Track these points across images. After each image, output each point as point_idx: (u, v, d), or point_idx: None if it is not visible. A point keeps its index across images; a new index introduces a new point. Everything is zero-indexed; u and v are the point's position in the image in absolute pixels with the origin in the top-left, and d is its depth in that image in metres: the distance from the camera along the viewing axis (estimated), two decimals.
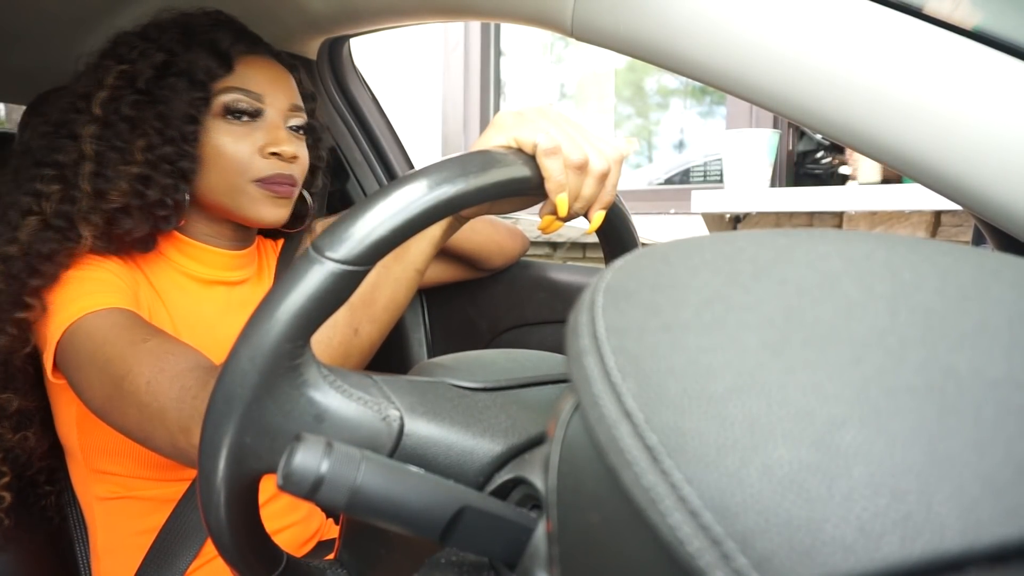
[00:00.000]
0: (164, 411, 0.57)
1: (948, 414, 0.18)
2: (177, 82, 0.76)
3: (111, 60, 0.78)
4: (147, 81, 0.76)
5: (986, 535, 0.16)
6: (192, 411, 0.55)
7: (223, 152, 0.78)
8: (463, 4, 0.77)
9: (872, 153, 0.52)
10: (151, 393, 0.58)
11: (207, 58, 0.78)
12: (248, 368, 0.37)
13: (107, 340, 0.64)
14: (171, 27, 0.80)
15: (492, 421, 0.41)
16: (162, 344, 0.63)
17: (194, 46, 0.78)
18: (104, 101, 0.75)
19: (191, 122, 0.76)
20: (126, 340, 0.64)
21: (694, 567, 0.18)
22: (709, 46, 0.55)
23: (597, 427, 0.21)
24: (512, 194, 0.49)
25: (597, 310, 0.24)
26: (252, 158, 0.79)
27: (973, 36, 0.46)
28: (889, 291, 0.22)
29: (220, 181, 0.79)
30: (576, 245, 2.23)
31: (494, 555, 0.33)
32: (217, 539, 0.40)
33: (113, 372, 0.62)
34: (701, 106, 2.61)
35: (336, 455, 0.30)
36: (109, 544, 0.80)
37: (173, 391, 0.57)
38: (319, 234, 0.39)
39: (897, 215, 1.67)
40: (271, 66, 0.83)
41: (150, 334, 0.65)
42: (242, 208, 0.80)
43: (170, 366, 0.59)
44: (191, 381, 0.57)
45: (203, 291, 0.84)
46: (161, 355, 0.61)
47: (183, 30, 0.80)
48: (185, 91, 0.76)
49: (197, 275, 0.83)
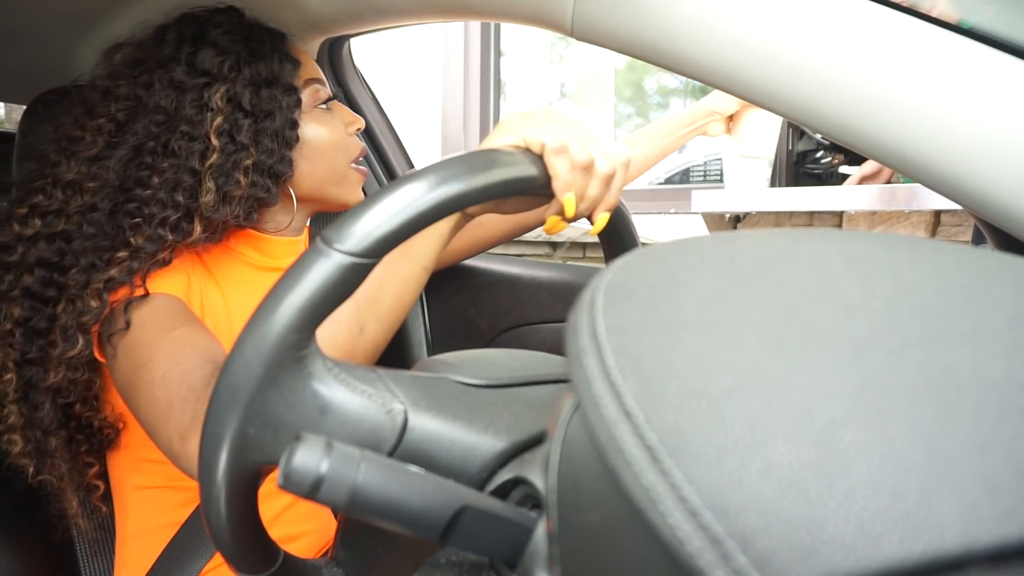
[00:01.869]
0: (170, 410, 0.58)
1: (948, 414, 0.18)
2: (272, 92, 0.77)
3: (200, 76, 0.75)
4: (250, 99, 0.76)
5: (986, 535, 0.16)
6: (193, 415, 0.55)
7: (325, 142, 0.81)
8: (463, 4, 0.77)
9: (872, 153, 0.52)
10: (163, 387, 0.59)
11: (282, 59, 0.79)
12: (253, 358, 0.37)
13: (141, 324, 0.66)
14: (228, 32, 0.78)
15: (495, 417, 0.41)
16: (186, 335, 0.63)
17: (262, 49, 0.78)
18: (220, 129, 0.74)
19: (294, 127, 0.78)
20: (158, 326, 0.65)
21: (694, 567, 0.18)
22: (709, 46, 0.55)
23: (597, 427, 0.21)
24: (519, 193, 0.49)
25: (597, 310, 0.24)
26: (347, 140, 0.83)
27: (973, 36, 0.46)
28: (889, 291, 0.22)
29: (324, 170, 0.82)
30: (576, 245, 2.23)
31: (494, 555, 0.33)
32: (215, 531, 0.40)
33: (136, 357, 0.63)
34: None
35: (336, 454, 0.30)
36: (138, 530, 0.80)
37: (181, 390, 0.58)
38: (329, 226, 0.39)
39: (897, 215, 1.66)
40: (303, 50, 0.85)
41: (181, 322, 0.65)
42: (344, 192, 0.84)
43: (185, 359, 0.60)
44: (198, 381, 0.57)
45: (260, 277, 0.85)
46: (182, 346, 0.62)
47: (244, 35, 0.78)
48: (283, 99, 0.77)
49: (256, 263, 0.85)
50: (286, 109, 0.77)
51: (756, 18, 0.52)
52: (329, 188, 0.83)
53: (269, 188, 0.77)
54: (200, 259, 0.80)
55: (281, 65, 0.78)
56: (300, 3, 0.95)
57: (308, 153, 0.80)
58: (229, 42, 0.77)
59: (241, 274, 0.83)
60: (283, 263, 0.86)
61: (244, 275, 0.83)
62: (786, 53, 0.51)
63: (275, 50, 0.79)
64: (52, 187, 0.74)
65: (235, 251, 0.83)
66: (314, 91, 0.81)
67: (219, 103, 0.74)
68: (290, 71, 0.79)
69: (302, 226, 0.89)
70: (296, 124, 0.78)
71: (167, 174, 0.73)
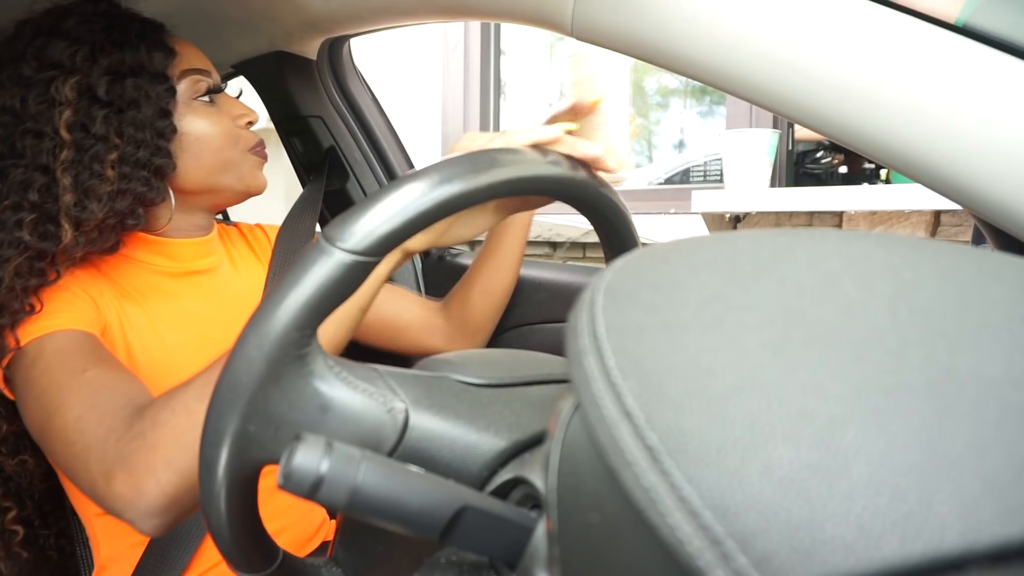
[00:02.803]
0: (88, 451, 0.56)
1: (948, 414, 0.18)
2: (137, 81, 0.73)
3: (49, 69, 0.71)
4: (107, 89, 0.72)
5: (986, 535, 0.16)
6: (115, 455, 0.54)
7: (207, 133, 0.78)
8: (463, 4, 0.77)
9: (872, 153, 0.52)
10: (79, 431, 0.57)
11: (151, 48, 0.75)
12: (255, 356, 0.37)
13: (47, 368, 0.63)
14: (85, 21, 0.74)
15: (496, 416, 0.41)
16: (100, 375, 0.61)
17: (127, 37, 0.74)
18: (71, 123, 0.70)
19: (165, 117, 0.75)
20: (66, 369, 0.62)
21: (694, 567, 0.18)
22: (709, 46, 0.55)
23: (597, 427, 0.21)
24: (520, 192, 0.49)
25: (597, 310, 0.24)
26: (235, 131, 0.80)
27: (973, 35, 0.46)
28: (889, 291, 0.22)
29: (211, 161, 0.79)
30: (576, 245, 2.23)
31: (494, 555, 0.33)
32: (215, 530, 0.40)
33: (47, 403, 0.61)
34: (701, 106, 2.62)
35: (336, 455, 0.30)
36: (112, 554, 0.79)
37: (100, 431, 0.56)
38: (330, 223, 0.39)
39: (897, 215, 1.66)
40: (188, 41, 0.82)
41: (92, 362, 0.63)
42: (241, 179, 0.81)
43: (102, 401, 0.58)
44: (118, 422, 0.56)
45: (177, 284, 0.82)
46: (97, 388, 0.60)
47: (104, 24, 0.75)
48: (149, 88, 0.74)
49: (167, 269, 0.82)
50: (155, 99, 0.74)
51: (756, 18, 0.52)
52: (221, 178, 0.80)
53: (149, 182, 0.73)
54: (107, 278, 0.77)
55: (149, 54, 0.75)
56: (300, 3, 0.95)
57: (188, 145, 0.77)
58: (85, 31, 0.73)
59: (155, 285, 0.80)
60: (198, 265, 0.84)
61: (159, 285, 0.81)
62: (786, 53, 0.51)
63: (143, 39, 0.75)
64: None
65: (142, 262, 0.80)
66: (193, 82, 0.78)
67: (68, 95, 0.71)
68: (160, 60, 0.75)
69: (208, 224, 0.86)
70: (168, 114, 0.75)
71: (15, 175, 0.70)
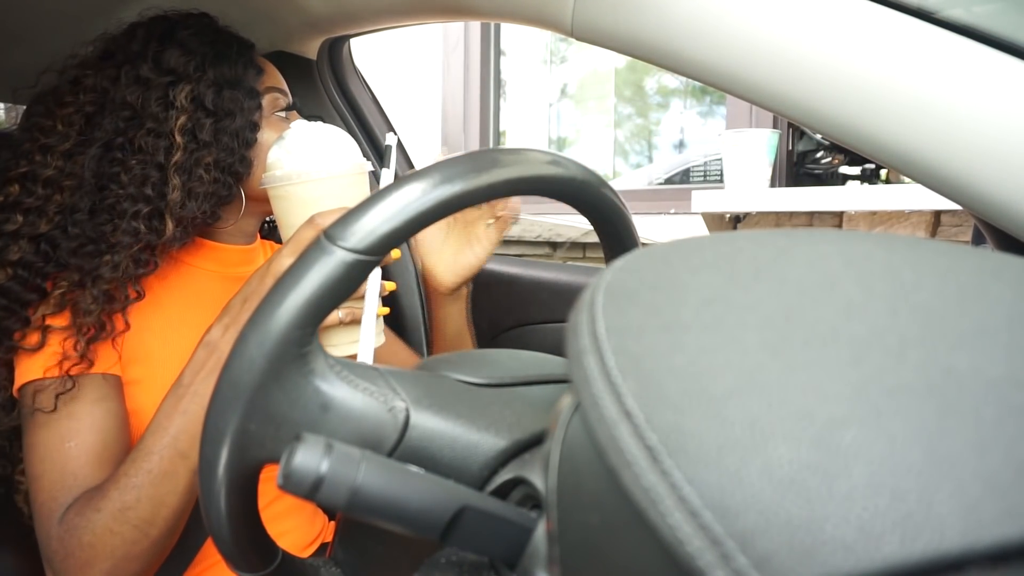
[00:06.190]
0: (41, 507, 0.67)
1: (948, 414, 0.18)
2: (234, 94, 0.80)
3: (165, 74, 0.78)
4: (212, 99, 0.78)
5: (987, 535, 0.16)
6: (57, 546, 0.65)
7: None
8: (463, 4, 0.77)
9: (872, 153, 0.52)
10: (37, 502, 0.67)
11: (247, 65, 0.82)
12: (256, 354, 0.37)
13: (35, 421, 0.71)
14: (196, 34, 0.81)
15: (497, 416, 0.41)
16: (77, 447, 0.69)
17: (228, 52, 0.81)
18: (184, 128, 0.76)
19: (254, 129, 0.81)
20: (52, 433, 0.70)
21: (694, 567, 0.18)
22: (709, 46, 0.55)
23: (597, 427, 0.21)
24: (520, 192, 0.49)
25: (597, 310, 0.24)
26: None
27: (973, 36, 0.46)
28: (889, 291, 0.22)
29: None
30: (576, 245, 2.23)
31: (494, 555, 0.33)
32: (215, 530, 0.40)
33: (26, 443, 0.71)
34: (701, 106, 2.62)
35: (336, 455, 0.30)
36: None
37: (51, 503, 0.66)
38: (332, 223, 0.39)
39: (897, 215, 1.66)
40: (269, 61, 0.88)
41: (73, 432, 0.70)
42: None
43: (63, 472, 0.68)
44: (72, 514, 0.65)
45: (219, 286, 0.85)
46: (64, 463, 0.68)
47: (211, 38, 0.82)
48: (244, 100, 0.80)
49: (214, 272, 0.86)
50: (247, 111, 0.80)
51: (756, 18, 0.52)
52: None
53: (230, 185, 0.80)
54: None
55: (245, 70, 0.82)
56: (300, 3, 0.95)
57: (262, 154, 0.82)
58: (196, 43, 0.80)
59: (198, 283, 0.85)
60: (240, 272, 0.88)
61: (201, 287, 0.85)
62: (786, 53, 0.51)
63: (240, 56, 0.83)
64: (32, 183, 0.75)
65: (191, 265, 0.85)
66: (273, 98, 0.85)
67: (183, 102, 0.77)
68: (253, 76, 0.83)
69: (253, 231, 0.91)
70: (256, 126, 0.82)
71: (135, 170, 0.75)
